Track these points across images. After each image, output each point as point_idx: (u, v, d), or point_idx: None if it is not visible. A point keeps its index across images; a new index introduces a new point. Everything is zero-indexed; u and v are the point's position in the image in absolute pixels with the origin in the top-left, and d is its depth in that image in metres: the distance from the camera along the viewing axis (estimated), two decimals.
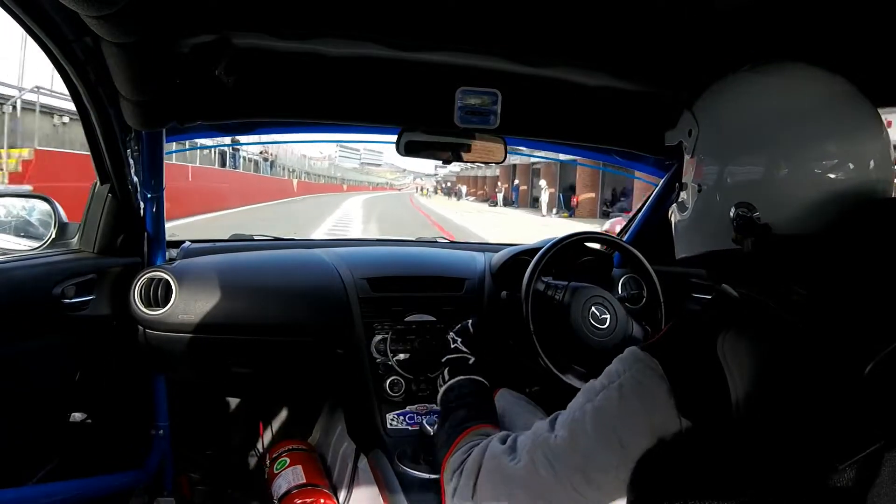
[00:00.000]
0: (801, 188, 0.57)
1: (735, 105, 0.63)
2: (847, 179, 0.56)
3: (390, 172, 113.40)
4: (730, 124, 0.63)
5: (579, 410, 0.59)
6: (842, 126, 0.58)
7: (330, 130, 1.33)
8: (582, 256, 1.47)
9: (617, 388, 0.57)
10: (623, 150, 1.41)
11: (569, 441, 0.58)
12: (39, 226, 1.24)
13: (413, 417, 1.25)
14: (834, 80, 0.60)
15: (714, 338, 0.53)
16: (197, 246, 1.49)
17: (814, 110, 0.59)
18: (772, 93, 0.61)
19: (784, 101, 0.60)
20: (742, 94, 0.63)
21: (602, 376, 0.60)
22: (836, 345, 0.47)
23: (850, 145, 0.58)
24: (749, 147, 0.60)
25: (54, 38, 0.83)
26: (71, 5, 0.57)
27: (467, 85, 1.02)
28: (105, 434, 1.30)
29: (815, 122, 0.58)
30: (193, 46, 0.86)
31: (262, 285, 1.31)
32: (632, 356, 0.58)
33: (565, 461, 0.58)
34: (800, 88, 0.60)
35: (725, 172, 0.62)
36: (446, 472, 0.72)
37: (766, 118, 0.60)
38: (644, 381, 0.55)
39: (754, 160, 0.60)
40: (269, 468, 1.58)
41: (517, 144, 1.46)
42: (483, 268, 1.45)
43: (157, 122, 0.93)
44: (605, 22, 0.83)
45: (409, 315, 1.32)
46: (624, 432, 0.55)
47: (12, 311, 0.96)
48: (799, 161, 0.57)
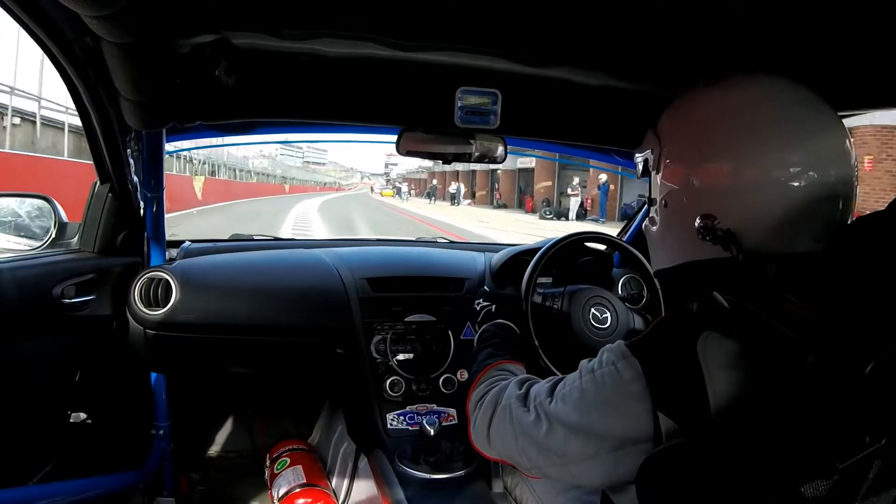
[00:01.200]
0: (760, 193, 0.59)
1: (692, 120, 0.66)
2: (809, 185, 0.58)
3: (335, 171, 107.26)
4: (688, 139, 0.66)
5: (570, 388, 0.66)
6: (800, 131, 0.60)
7: (330, 130, 1.33)
8: (582, 256, 1.47)
9: (600, 377, 0.62)
10: (623, 151, 1.41)
11: (561, 412, 0.65)
12: (39, 226, 1.24)
13: (413, 417, 1.25)
14: (797, 89, 0.62)
15: (694, 338, 0.55)
16: (197, 246, 1.49)
17: (767, 119, 0.61)
18: (728, 105, 0.63)
19: (738, 113, 0.62)
20: (698, 108, 0.66)
21: (594, 361, 0.65)
22: (834, 348, 0.47)
23: (807, 150, 0.60)
24: (707, 159, 0.63)
25: (54, 38, 0.83)
26: (71, 5, 0.57)
27: (467, 85, 1.02)
28: (105, 434, 1.30)
29: (771, 129, 0.60)
30: (193, 46, 0.86)
31: (261, 285, 1.31)
32: (619, 351, 0.62)
33: (556, 431, 0.65)
34: (755, 99, 0.63)
35: (688, 185, 0.64)
36: (470, 403, 0.83)
37: (722, 129, 0.62)
38: (624, 376, 0.59)
39: (714, 171, 0.62)
40: (269, 468, 1.58)
41: (517, 144, 1.46)
42: (483, 268, 1.45)
43: (157, 122, 0.93)
44: (606, 22, 0.83)
45: (409, 315, 1.32)
46: (599, 419, 0.61)
47: (12, 311, 0.96)
48: (756, 168, 0.59)
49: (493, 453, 0.77)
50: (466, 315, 1.36)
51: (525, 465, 0.71)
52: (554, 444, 0.65)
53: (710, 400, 0.52)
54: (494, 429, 0.75)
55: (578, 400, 0.63)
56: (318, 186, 56.64)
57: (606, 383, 0.61)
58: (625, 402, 0.59)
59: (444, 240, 1.92)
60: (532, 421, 0.68)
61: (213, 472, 1.75)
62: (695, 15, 0.76)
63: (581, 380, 0.65)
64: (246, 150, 31.61)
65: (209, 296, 1.24)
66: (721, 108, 0.63)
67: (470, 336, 1.34)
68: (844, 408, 0.45)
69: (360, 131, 1.34)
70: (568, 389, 0.66)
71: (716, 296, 0.58)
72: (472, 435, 0.80)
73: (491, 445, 0.76)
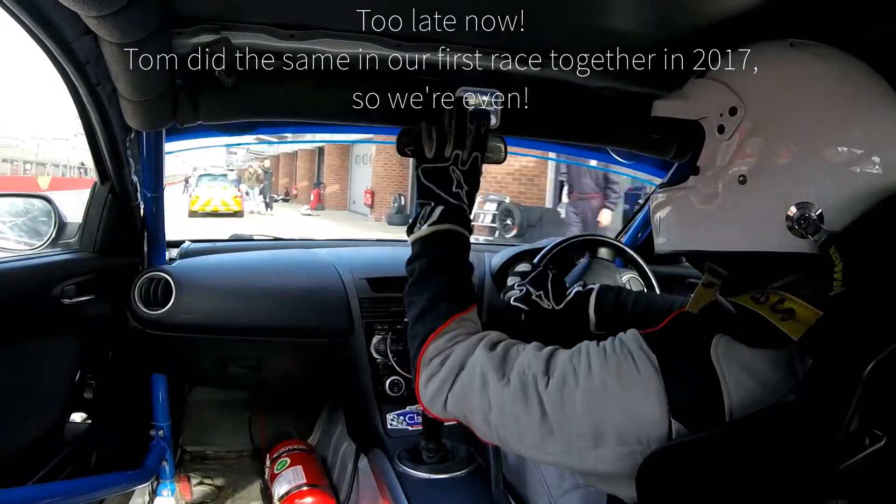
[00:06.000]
0: (856, 179, 0.52)
1: (794, 82, 0.56)
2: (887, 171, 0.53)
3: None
4: (794, 104, 0.55)
5: (572, 375, 0.58)
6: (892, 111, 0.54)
7: (330, 130, 1.33)
8: (581, 257, 1.47)
9: (615, 367, 0.56)
10: (623, 150, 1.41)
11: (558, 399, 0.58)
12: (39, 225, 1.24)
13: (413, 417, 1.25)
14: (870, 69, 0.57)
15: (708, 341, 0.53)
16: (197, 246, 1.49)
17: (868, 95, 0.55)
18: (830, 73, 0.56)
19: (841, 83, 0.55)
20: (797, 71, 0.57)
21: (604, 345, 0.59)
22: (834, 349, 0.47)
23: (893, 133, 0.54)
24: (814, 132, 0.53)
25: (54, 39, 0.83)
26: (71, 5, 0.57)
27: (467, 85, 1.02)
28: (105, 434, 1.30)
29: (882, 102, 0.54)
30: (193, 46, 0.86)
31: (261, 285, 1.31)
32: (635, 341, 0.57)
33: (551, 415, 0.58)
34: (850, 72, 0.56)
35: (787, 162, 0.54)
36: (424, 356, 0.67)
37: (831, 98, 0.54)
38: (641, 370, 0.55)
39: (820, 148, 0.53)
40: (269, 468, 1.58)
41: (517, 144, 1.46)
42: (483, 268, 1.45)
43: (157, 122, 0.93)
44: (605, 22, 0.83)
45: None
46: (607, 411, 0.55)
47: (12, 311, 0.96)
48: (862, 150, 0.53)
49: (444, 416, 0.67)
50: None
51: (489, 436, 0.63)
52: (544, 431, 0.58)
53: (726, 403, 0.51)
54: (454, 396, 0.64)
55: (585, 386, 0.56)
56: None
57: (621, 374, 0.55)
58: (641, 396, 0.54)
59: None
60: (515, 397, 0.59)
61: (213, 472, 1.75)
62: (694, 14, 0.76)
63: (587, 363, 0.58)
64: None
65: (209, 296, 1.24)
66: (826, 75, 0.55)
67: None
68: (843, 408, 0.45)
69: (360, 131, 1.34)
70: (570, 371, 0.58)
71: (720, 299, 0.57)
72: (420, 393, 0.68)
73: (446, 410, 0.66)
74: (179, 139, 1.31)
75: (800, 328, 0.49)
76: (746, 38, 0.68)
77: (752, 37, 0.67)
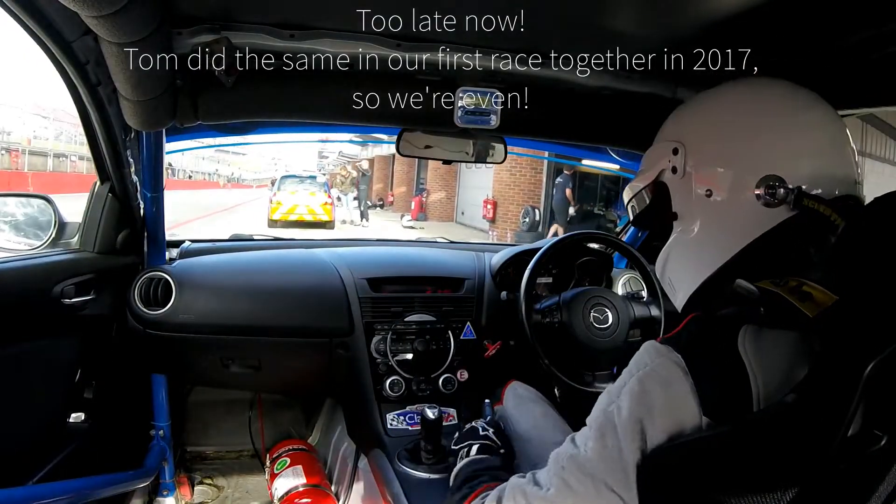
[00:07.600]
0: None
1: (715, 107, 0.66)
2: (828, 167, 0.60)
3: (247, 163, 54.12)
4: (720, 118, 0.65)
5: (602, 414, 0.59)
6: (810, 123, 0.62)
7: (330, 130, 1.33)
8: (581, 256, 1.47)
9: (638, 381, 0.56)
10: (622, 150, 1.41)
11: (599, 445, 0.58)
12: (39, 225, 1.24)
13: (413, 417, 1.25)
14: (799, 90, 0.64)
15: (734, 334, 0.53)
16: (196, 246, 1.49)
17: (784, 113, 0.62)
18: (745, 98, 0.65)
19: (754, 107, 0.64)
20: (717, 101, 0.67)
21: (622, 374, 0.60)
22: (842, 340, 0.47)
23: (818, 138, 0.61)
24: (744, 133, 0.62)
25: (55, 39, 0.83)
26: (71, 5, 0.57)
27: (467, 85, 1.03)
28: (105, 434, 1.30)
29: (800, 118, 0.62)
30: (193, 46, 0.86)
31: (261, 285, 1.31)
32: (653, 350, 0.58)
33: (602, 466, 0.57)
34: (765, 95, 0.64)
35: (733, 161, 0.62)
36: None
37: (745, 113, 0.63)
38: (667, 375, 0.55)
39: (755, 143, 0.61)
40: (269, 468, 1.59)
41: (517, 144, 1.46)
42: (483, 268, 1.45)
43: (157, 122, 0.93)
44: (606, 22, 0.83)
45: (409, 315, 1.32)
46: (647, 424, 0.55)
47: (12, 311, 0.96)
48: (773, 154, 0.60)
49: None
50: (466, 315, 1.36)
51: None
52: (611, 484, 0.57)
53: (754, 397, 0.51)
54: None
55: (620, 414, 0.57)
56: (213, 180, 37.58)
57: (648, 388, 0.55)
58: (675, 403, 0.54)
59: (444, 240, 1.93)
60: (561, 495, 0.59)
61: (213, 472, 1.75)
62: (694, 15, 0.76)
63: (618, 399, 0.58)
64: None
65: (209, 296, 1.24)
66: (742, 100, 0.65)
67: (470, 336, 1.34)
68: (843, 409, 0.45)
69: (360, 131, 1.34)
70: (603, 417, 0.59)
71: (740, 282, 0.57)
72: None
73: None
74: (179, 139, 1.31)
75: (815, 308, 0.49)
76: (746, 38, 0.68)
77: (752, 37, 0.67)
